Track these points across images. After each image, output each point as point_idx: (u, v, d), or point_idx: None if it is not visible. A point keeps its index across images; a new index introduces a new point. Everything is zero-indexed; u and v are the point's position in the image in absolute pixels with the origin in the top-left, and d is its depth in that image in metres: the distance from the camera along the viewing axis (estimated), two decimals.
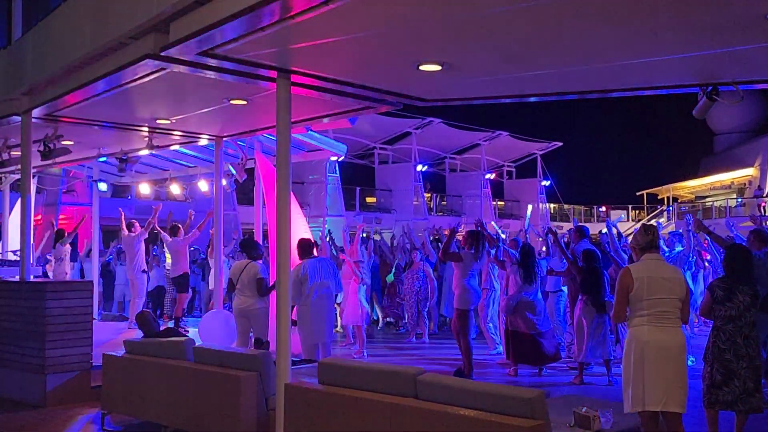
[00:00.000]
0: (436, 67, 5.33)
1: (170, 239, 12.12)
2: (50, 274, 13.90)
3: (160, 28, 5.15)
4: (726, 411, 5.89)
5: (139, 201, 24.11)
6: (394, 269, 14.14)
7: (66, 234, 13.57)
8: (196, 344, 6.51)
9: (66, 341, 7.78)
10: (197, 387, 6.15)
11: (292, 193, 11.28)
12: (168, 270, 13.82)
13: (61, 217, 22.03)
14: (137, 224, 12.57)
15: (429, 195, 35.81)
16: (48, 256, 14.10)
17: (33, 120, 8.32)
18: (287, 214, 5.86)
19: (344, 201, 29.25)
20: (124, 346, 6.99)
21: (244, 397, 5.78)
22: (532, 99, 6.36)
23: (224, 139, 10.00)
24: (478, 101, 6.56)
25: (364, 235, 13.62)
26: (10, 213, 14.27)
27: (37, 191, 21.76)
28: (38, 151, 9.08)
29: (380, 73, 5.77)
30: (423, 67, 5.34)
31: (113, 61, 5.89)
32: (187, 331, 11.81)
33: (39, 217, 22.80)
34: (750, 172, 42.62)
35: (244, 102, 7.08)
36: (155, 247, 16.29)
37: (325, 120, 7.77)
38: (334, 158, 28.30)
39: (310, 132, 11.44)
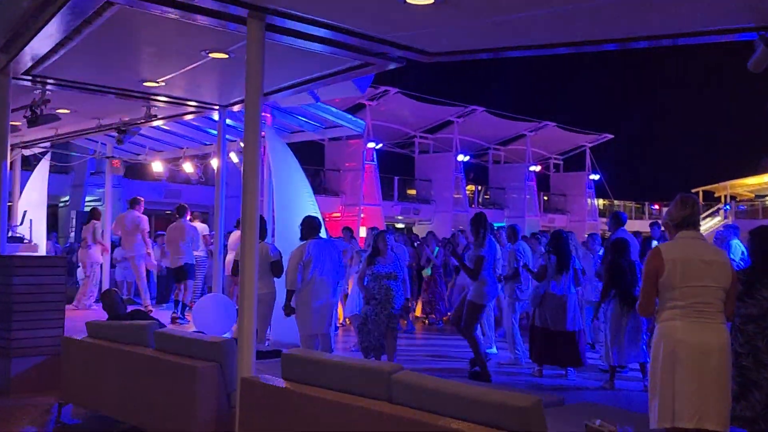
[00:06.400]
0: (428, 0, 4.38)
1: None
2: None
3: None
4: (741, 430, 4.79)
5: (169, 184, 23.67)
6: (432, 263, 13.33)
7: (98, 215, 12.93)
8: (159, 329, 5.70)
9: (35, 322, 7.06)
10: (155, 378, 5.35)
11: (302, 173, 10.67)
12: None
13: (87, 199, 21.63)
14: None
15: (471, 187, 34.67)
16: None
17: (17, 82, 7.68)
18: (255, 187, 5.01)
19: (382, 190, 28.34)
20: (87, 329, 6.24)
21: (201, 392, 4.96)
22: (547, 51, 5.35)
23: (228, 108, 9.19)
24: (487, 54, 5.57)
25: None
26: (21, 191, 13.75)
27: (65, 171, 21.52)
28: (24, 117, 8.46)
29: (364, 11, 4.85)
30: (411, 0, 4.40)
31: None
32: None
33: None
34: None
35: (225, 56, 6.23)
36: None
37: (320, 83, 6.90)
38: (371, 145, 27.63)
39: (326, 106, 10.61)
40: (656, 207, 47.14)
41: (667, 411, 3.81)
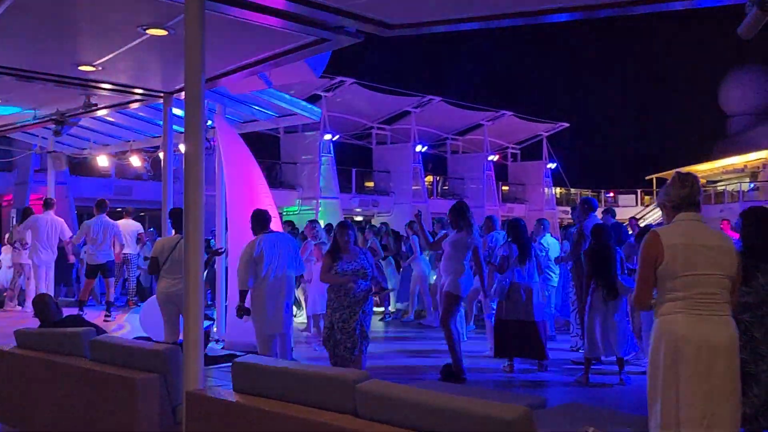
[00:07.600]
0: None
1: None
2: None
3: None
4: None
5: (119, 181, 22.78)
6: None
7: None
8: (95, 337, 5.12)
9: None
10: (91, 392, 4.78)
11: (256, 165, 10.10)
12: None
13: (32, 197, 20.62)
14: None
15: (429, 177, 34.29)
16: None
17: None
18: (199, 179, 4.47)
19: (339, 183, 27.75)
20: (15, 338, 5.61)
21: (141, 406, 4.41)
22: (509, 21, 4.91)
23: (173, 96, 8.56)
24: (449, 26, 5.11)
25: None
26: None
27: (8, 169, 20.47)
28: None
29: None
30: None
31: None
32: None
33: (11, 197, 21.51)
34: (764, 155, 41.09)
35: (164, 32, 5.63)
36: None
37: (271, 64, 6.35)
38: (328, 137, 27.01)
39: (280, 93, 10.04)
40: (611, 195, 47.43)
41: (671, 417, 3.38)
